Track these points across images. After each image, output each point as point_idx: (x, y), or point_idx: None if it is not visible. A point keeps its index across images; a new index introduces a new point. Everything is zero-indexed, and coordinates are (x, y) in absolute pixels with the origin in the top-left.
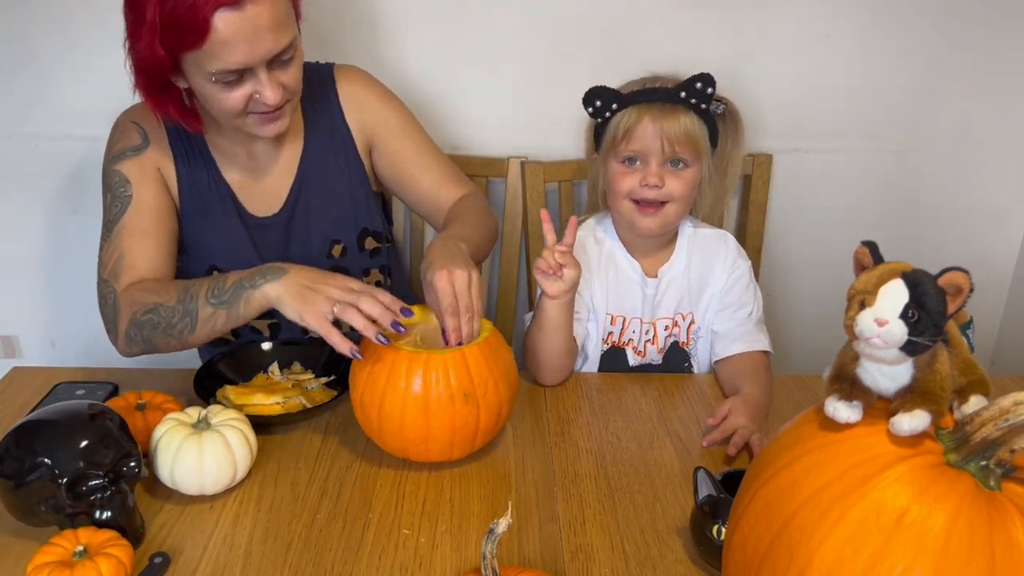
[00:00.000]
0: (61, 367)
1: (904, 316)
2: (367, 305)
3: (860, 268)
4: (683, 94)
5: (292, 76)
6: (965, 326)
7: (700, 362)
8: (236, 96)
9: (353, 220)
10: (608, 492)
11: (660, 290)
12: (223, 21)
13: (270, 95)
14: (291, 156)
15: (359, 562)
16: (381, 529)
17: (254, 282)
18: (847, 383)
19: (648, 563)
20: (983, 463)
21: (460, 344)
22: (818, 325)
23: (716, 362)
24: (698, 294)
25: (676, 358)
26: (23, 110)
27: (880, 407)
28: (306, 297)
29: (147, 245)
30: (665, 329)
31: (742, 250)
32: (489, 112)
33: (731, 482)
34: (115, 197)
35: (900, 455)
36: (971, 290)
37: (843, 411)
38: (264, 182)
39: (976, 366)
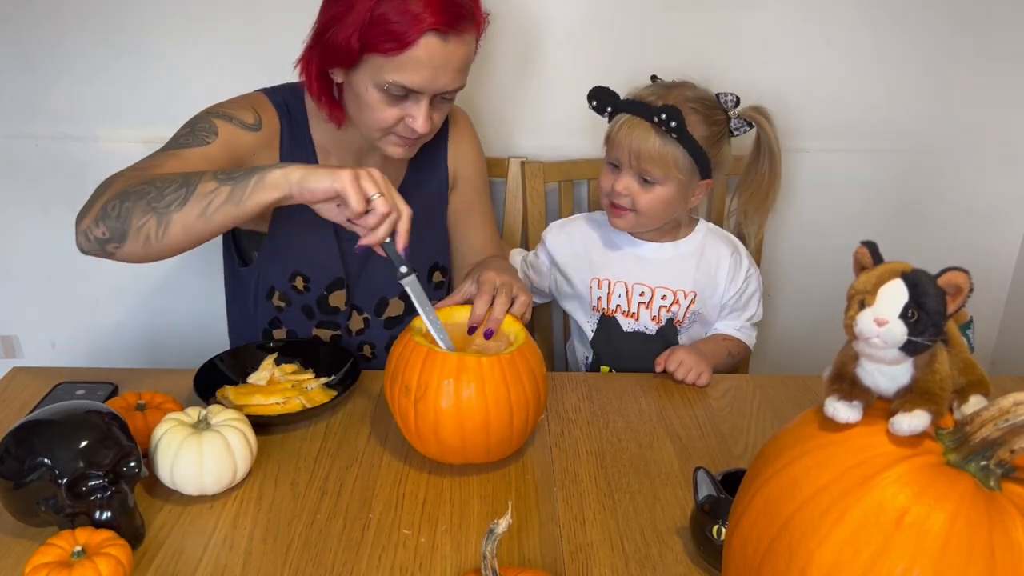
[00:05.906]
0: (61, 367)
1: (904, 316)
2: (403, 225)
3: (860, 268)
4: (655, 119)
5: (443, 115)
6: (965, 326)
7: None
8: (391, 112)
9: (429, 253)
10: (608, 492)
11: (658, 255)
12: (427, 43)
13: (421, 124)
14: (392, 181)
15: (359, 562)
16: (381, 529)
17: (275, 166)
18: (847, 383)
19: (648, 563)
20: (983, 463)
21: (479, 331)
22: (818, 325)
23: None
24: (704, 283)
25: (669, 333)
26: (23, 110)
27: (880, 407)
28: (337, 170)
29: None
30: (663, 299)
31: (754, 262)
32: (489, 112)
33: (731, 482)
34: (193, 134)
35: (900, 455)
36: (971, 290)
37: (843, 411)
38: None
39: (976, 366)
